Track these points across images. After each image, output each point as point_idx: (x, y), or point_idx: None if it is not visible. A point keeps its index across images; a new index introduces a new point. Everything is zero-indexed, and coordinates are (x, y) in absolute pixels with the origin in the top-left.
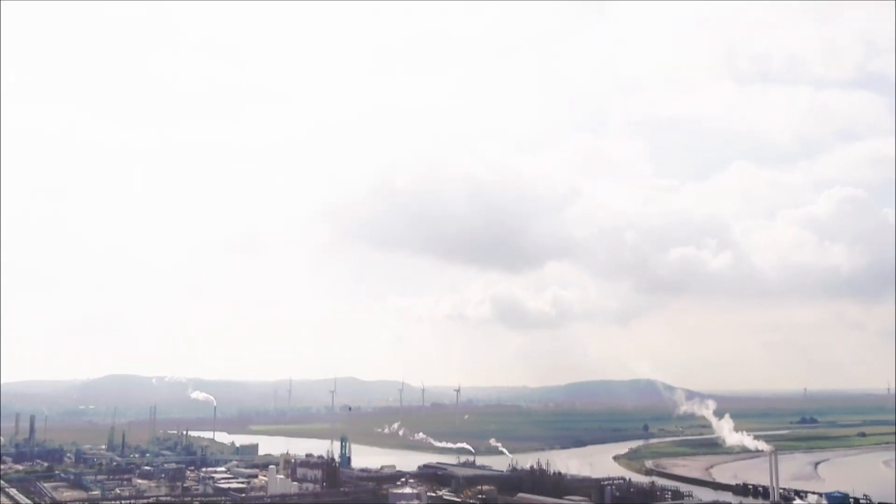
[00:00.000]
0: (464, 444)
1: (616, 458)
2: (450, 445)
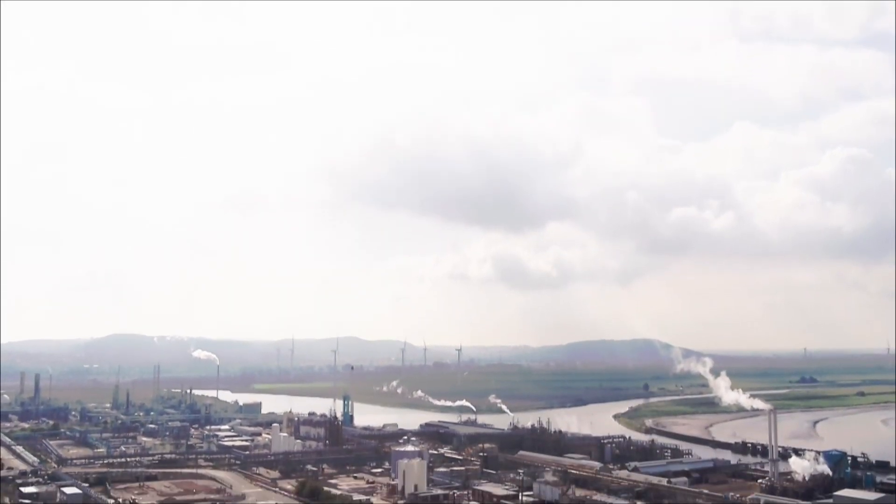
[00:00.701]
0: (463, 402)
1: (616, 416)
2: (448, 403)
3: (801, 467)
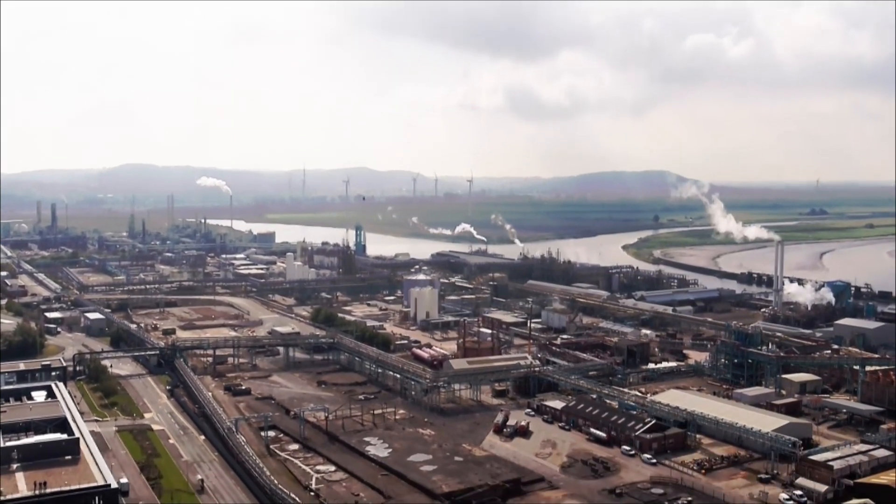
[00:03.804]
0: (463, 226)
1: (625, 247)
2: (445, 232)
3: (803, 297)
